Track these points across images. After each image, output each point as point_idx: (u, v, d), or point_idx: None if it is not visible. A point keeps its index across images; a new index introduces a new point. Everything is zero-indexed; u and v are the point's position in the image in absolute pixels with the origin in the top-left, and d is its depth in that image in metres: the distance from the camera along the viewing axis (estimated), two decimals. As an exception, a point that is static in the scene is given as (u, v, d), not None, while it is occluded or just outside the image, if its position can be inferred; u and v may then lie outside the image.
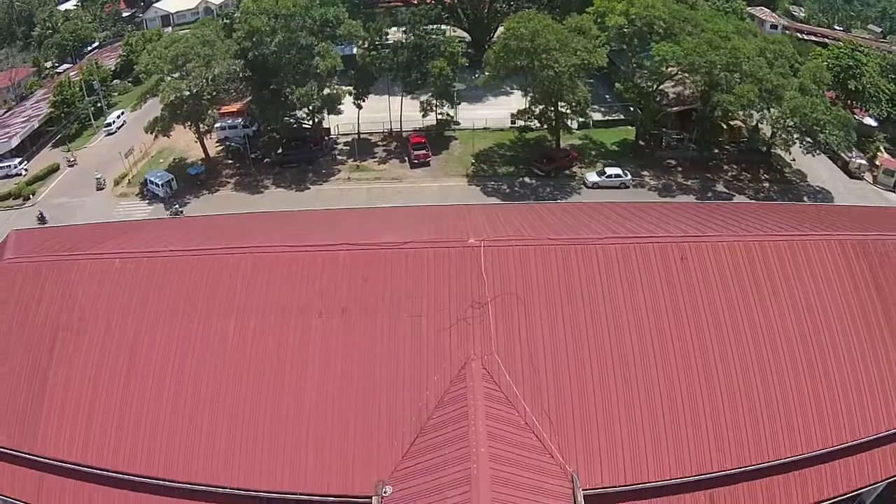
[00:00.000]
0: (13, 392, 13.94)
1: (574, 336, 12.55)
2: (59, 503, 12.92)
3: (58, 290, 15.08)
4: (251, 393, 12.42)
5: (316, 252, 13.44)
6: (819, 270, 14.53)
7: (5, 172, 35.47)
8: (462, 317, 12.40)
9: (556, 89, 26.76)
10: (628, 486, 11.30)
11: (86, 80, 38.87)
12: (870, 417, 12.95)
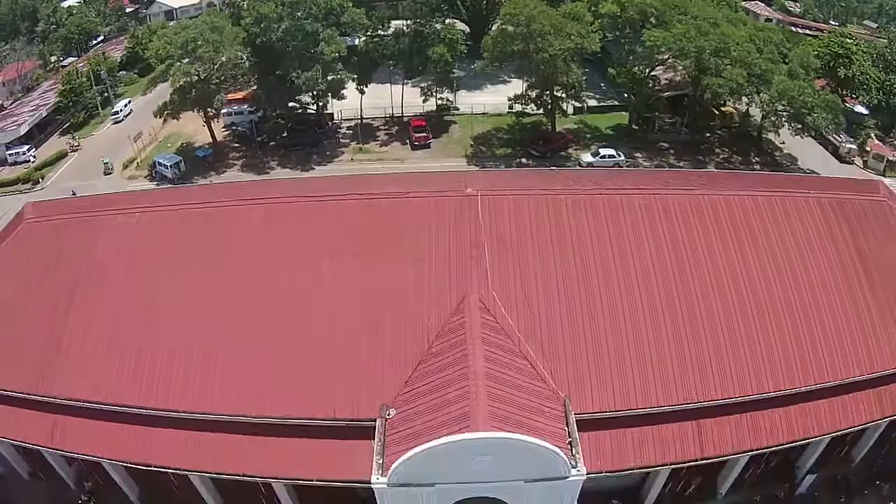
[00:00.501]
0: (30, 339, 15.29)
1: (564, 276, 14.00)
2: (74, 444, 14.23)
3: (77, 245, 16.58)
4: (264, 330, 13.80)
5: (325, 202, 14.99)
6: (798, 225, 16.01)
7: (14, 159, 37.32)
8: (460, 258, 13.84)
9: (551, 72, 28.56)
10: (617, 411, 12.62)
11: (93, 69, 40.84)
12: (851, 361, 14.25)
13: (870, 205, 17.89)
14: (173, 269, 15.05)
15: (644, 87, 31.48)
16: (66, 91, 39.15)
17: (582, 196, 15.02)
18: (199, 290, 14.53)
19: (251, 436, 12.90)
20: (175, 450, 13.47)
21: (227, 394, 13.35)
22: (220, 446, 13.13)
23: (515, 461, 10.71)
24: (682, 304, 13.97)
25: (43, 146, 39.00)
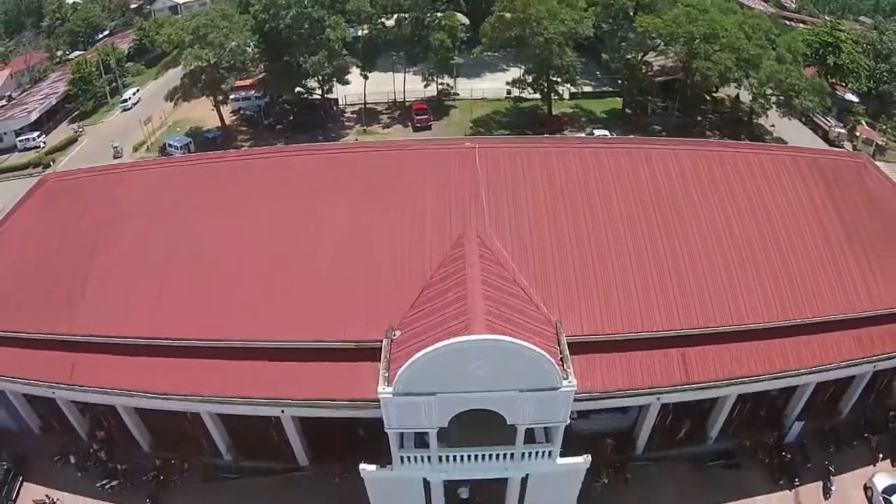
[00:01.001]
0: (54, 284, 16.85)
1: (554, 217, 15.69)
2: (91, 379, 15.59)
3: (100, 197, 18.34)
4: (277, 263, 15.41)
5: (335, 154, 17.01)
6: (774, 177, 17.73)
7: (24, 145, 39.56)
8: (459, 200, 15.50)
9: (546, 56, 30.63)
10: (606, 335, 14.10)
11: (103, 60, 43.17)
12: (828, 301, 15.77)
13: (845, 164, 19.84)
14: (191, 214, 16.77)
15: (637, 73, 33.64)
16: (76, 80, 41.51)
17: (570, 148, 16.92)
18: (216, 232, 16.21)
19: (265, 361, 14.38)
20: (193, 378, 14.89)
21: (242, 322, 14.87)
22: (236, 372, 14.60)
23: (510, 370, 12.04)
24: (665, 241, 15.61)
25: (52, 133, 41.26)
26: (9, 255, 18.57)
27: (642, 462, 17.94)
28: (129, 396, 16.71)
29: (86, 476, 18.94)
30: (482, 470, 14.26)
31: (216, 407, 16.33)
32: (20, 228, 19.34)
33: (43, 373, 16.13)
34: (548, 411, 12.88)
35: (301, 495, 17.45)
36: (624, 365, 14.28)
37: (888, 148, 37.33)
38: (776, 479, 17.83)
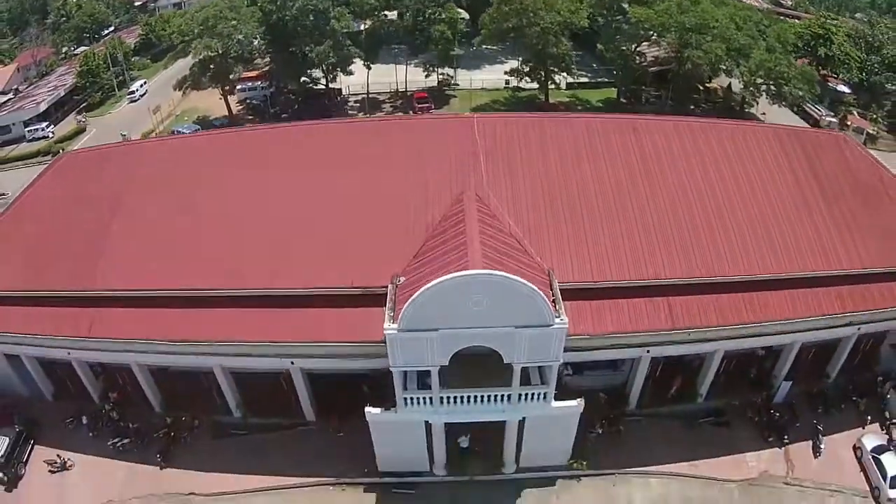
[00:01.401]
0: (77, 245, 18.30)
1: (547, 179, 17.28)
2: (109, 332, 16.85)
3: (121, 166, 19.98)
4: (291, 220, 16.89)
5: (346, 124, 18.97)
6: (755, 146, 19.38)
7: (32, 135, 41.57)
8: (459, 163, 17.07)
9: (542, 45, 32.65)
10: (595, 282, 15.54)
11: (110, 53, 45.30)
12: (807, 258, 17.16)
13: (825, 138, 21.63)
14: (207, 178, 18.37)
15: (631, 63, 35.62)
16: (84, 72, 43.68)
17: (563, 119, 18.90)
18: (230, 193, 17.80)
19: (277, 308, 15.79)
20: (208, 326, 16.24)
21: (256, 272, 16.34)
22: (249, 319, 15.97)
23: (506, 307, 13.41)
24: (650, 202, 17.16)
25: (60, 124, 43.25)
26: (29, 220, 20.05)
27: (634, 417, 19.30)
28: (144, 353, 18.20)
29: (97, 437, 20.22)
30: (481, 412, 15.62)
31: (229, 360, 17.76)
32: (40, 196, 20.95)
33: (63, 328, 17.46)
34: (541, 349, 14.23)
35: (306, 448, 18.72)
36: (613, 311, 15.71)
37: (878, 137, 39.08)
38: (765, 436, 19.17)
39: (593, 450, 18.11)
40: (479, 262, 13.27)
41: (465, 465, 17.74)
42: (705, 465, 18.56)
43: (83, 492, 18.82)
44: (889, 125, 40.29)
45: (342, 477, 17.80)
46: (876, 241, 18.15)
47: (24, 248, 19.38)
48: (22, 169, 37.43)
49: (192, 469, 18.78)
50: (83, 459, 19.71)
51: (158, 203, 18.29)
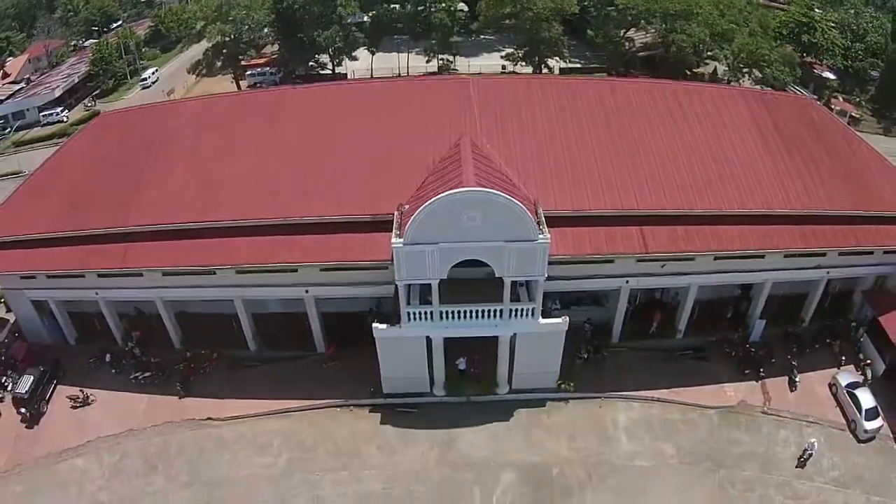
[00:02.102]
0: (110, 190, 21.19)
1: (534, 129, 20.48)
2: (141, 261, 19.64)
3: (154, 121, 23.23)
4: (311, 160, 20.09)
5: (358, 84, 22.89)
6: (723, 104, 22.60)
7: (47, 119, 45.39)
8: (456, 115, 20.20)
9: (535, 30, 36.44)
10: (576, 211, 18.49)
11: (122, 42, 49.37)
12: (770, 196, 19.95)
13: (791, 99, 24.94)
14: (233, 127, 21.63)
15: (620, 48, 39.31)
16: (97, 60, 47.64)
17: (549, 80, 22.60)
18: (255, 139, 21.01)
19: (299, 235, 18.72)
20: (233, 253, 19.11)
21: (279, 205, 19.30)
22: (272, 245, 18.91)
23: (496, 223, 16.27)
24: (626, 147, 20.29)
25: (74, 109, 46.92)
26: (65, 171, 23.12)
27: (618, 349, 22.10)
28: (169, 288, 21.18)
29: (119, 373, 22.96)
30: (476, 327, 18.36)
31: (249, 291, 20.68)
32: (76, 150, 24.13)
33: (98, 263, 20.25)
34: (528, 264, 17.10)
35: (316, 376, 21.42)
36: (591, 237, 18.68)
37: (862, 119, 42.41)
38: (742, 370, 21.89)
39: (580, 375, 20.84)
40: (472, 182, 16.29)
41: (462, 386, 20.48)
42: (685, 392, 21.29)
43: (105, 422, 21.38)
44: (873, 109, 43.85)
45: (350, 399, 20.52)
46: (838, 188, 21.16)
47: (59, 194, 22.38)
48: (40, 150, 40.67)
49: (209, 397, 21.51)
50: (105, 394, 22.31)
51: (189, 150, 21.48)
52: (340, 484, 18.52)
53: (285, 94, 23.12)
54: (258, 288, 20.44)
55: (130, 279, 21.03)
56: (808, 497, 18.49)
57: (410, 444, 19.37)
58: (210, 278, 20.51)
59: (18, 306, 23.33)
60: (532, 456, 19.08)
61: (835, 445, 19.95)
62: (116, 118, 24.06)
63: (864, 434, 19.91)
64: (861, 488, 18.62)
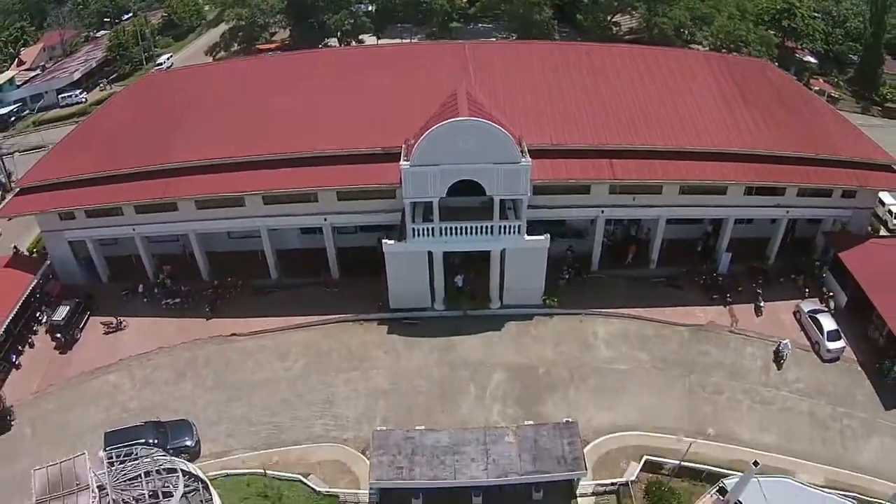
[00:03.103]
0: (151, 135, 25.91)
1: (519, 83, 25.60)
2: (180, 191, 24.01)
3: (191, 80, 28.50)
4: (332, 105, 24.99)
5: (368, 49, 28.72)
6: (685, 64, 27.83)
7: (66, 101, 50.47)
8: (454, 73, 25.18)
9: (527, 12, 41.91)
10: (554, 145, 23.23)
11: (138, 29, 54.81)
12: (725, 139, 24.54)
13: (748, 60, 29.86)
14: (264, 83, 26.68)
15: (607, 32, 44.68)
16: (115, 46, 53.30)
17: (533, 44, 27.62)
18: (282, 91, 26.03)
19: (320, 166, 23.41)
20: (262, 182, 23.65)
21: (303, 141, 24.03)
22: (297, 174, 23.57)
23: (487, 148, 20.92)
24: (597, 96, 25.19)
25: (92, 91, 51.97)
26: (108, 122, 28.05)
27: (597, 275, 26.39)
28: (200, 221, 25.39)
29: (150, 303, 27.06)
30: (471, 242, 22.88)
31: (273, 221, 25.00)
32: (118, 105, 29.30)
33: (143, 193, 24.60)
34: (513, 183, 21.72)
35: (331, 298, 25.64)
36: (568, 166, 23.40)
37: (840, 99, 47.12)
38: (711, 296, 26.05)
39: (563, 294, 25.20)
40: (466, 114, 21.07)
41: (459, 302, 24.85)
42: (659, 312, 25.56)
43: (136, 343, 25.49)
44: (852, 91, 48.60)
45: (360, 314, 24.79)
46: (792, 134, 25.75)
47: (101, 142, 27.14)
48: (60, 127, 45.33)
49: (234, 318, 25.78)
50: (137, 321, 26.52)
51: (223, 101, 26.46)
52: (352, 382, 22.75)
53: (308, 56, 28.79)
54: (282, 217, 24.96)
55: (166, 214, 25.45)
56: (774, 403, 22.40)
57: (414, 350, 23.63)
58: (240, 210, 25.09)
59: (55, 247, 27.60)
60: (521, 358, 23.32)
61: (800, 363, 23.86)
62: (157, 78, 29.20)
63: (827, 354, 23.81)
64: (826, 399, 22.47)
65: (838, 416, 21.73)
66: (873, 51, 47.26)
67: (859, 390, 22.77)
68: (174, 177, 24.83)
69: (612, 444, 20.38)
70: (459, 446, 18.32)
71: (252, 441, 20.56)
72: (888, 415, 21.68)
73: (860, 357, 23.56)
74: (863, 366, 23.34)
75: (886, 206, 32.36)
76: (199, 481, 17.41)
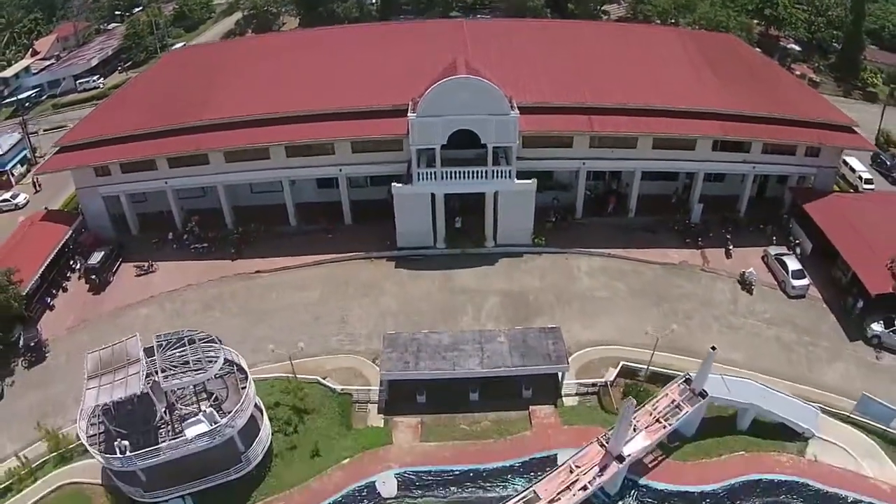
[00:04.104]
0: (182, 99, 31.25)
1: (511, 53, 31.25)
2: (214, 145, 29.03)
3: (217, 53, 34.46)
4: (349, 71, 30.42)
5: (380, 24, 34.59)
6: (660, 38, 33.85)
7: (84, 86, 55.97)
8: (454, 45, 30.63)
9: (521, 1, 47.76)
10: (539, 103, 28.35)
11: (152, 20, 60.58)
12: (696, 99, 29.60)
13: (716, 35, 35.29)
14: (286, 54, 32.44)
15: (596, 20, 50.30)
16: (131, 34, 59.13)
17: (523, 21, 33.48)
18: (304, 60, 31.75)
19: (338, 121, 28.60)
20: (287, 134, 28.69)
21: (322, 100, 29.39)
22: (318, 128, 28.83)
23: (481, 101, 26.08)
24: (579, 63, 30.63)
25: (109, 77, 57.25)
26: (142, 89, 33.63)
27: (581, 222, 31.51)
28: (227, 174, 30.29)
29: (180, 248, 31.85)
30: (468, 185, 27.80)
31: (294, 172, 30.09)
32: (151, 75, 35.01)
33: (174, 147, 29.57)
34: (504, 132, 26.91)
35: (343, 240, 30.61)
36: (552, 120, 28.62)
37: (821, 83, 52.17)
38: (684, 240, 31.06)
39: (550, 236, 30.24)
40: (464, 72, 26.45)
41: (458, 241, 29.89)
42: (636, 252, 30.49)
43: (166, 282, 30.21)
44: (834, 76, 53.71)
45: (372, 252, 29.67)
46: (757, 98, 30.89)
47: (136, 106, 32.51)
48: (77, 110, 50.44)
49: (258, 258, 30.26)
50: (166, 265, 31.36)
51: (249, 70, 32.15)
52: (364, 306, 27.60)
53: (326, 31, 34.68)
54: (302, 169, 30.09)
55: (197, 168, 30.47)
56: (742, 328, 26.71)
57: (418, 281, 28.60)
58: (265, 163, 30.25)
59: (89, 203, 32.52)
60: (512, 286, 28.28)
61: (767, 299, 28.18)
62: (184, 52, 34.41)
63: (792, 290, 28.19)
64: (792, 328, 26.67)
65: (803, 343, 26.06)
66: (854, 38, 52.91)
67: (824, 323, 27.22)
68: (206, 132, 30.01)
69: (594, 356, 24.97)
70: (458, 345, 23.11)
71: (274, 356, 24.32)
72: (852, 345, 25.93)
73: (825, 295, 28.08)
74: (828, 303, 27.86)
75: (857, 172, 37.51)
76: (236, 366, 21.71)
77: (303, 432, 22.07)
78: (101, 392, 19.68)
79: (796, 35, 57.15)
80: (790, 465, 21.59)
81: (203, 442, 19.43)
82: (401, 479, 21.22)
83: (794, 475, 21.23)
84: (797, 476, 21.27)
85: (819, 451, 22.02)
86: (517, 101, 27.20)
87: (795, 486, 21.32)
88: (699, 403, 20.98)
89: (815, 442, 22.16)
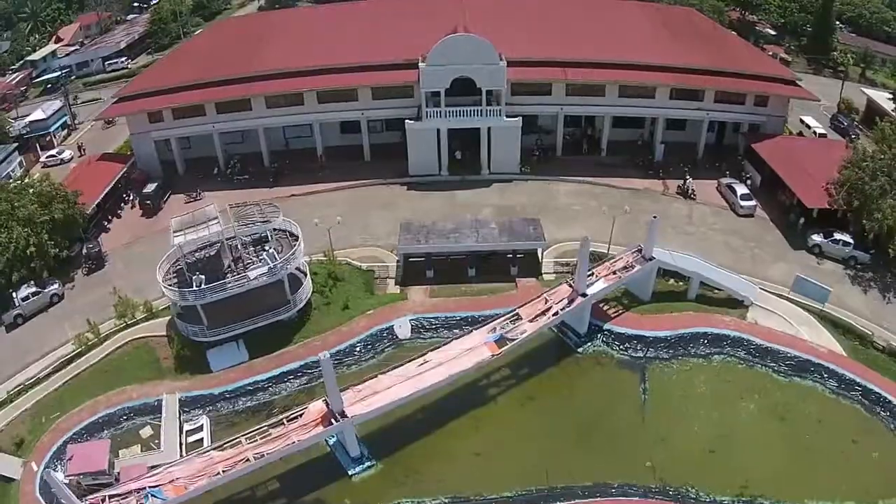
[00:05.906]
0: (230, 58, 43.26)
1: (502, 19, 43.38)
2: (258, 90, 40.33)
3: (260, 22, 47.57)
4: (368, 34, 42.82)
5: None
6: (625, 8, 46.55)
7: (112, 67, 67.82)
8: (453, 15, 42.68)
9: None
10: (522, 57, 39.43)
11: (176, 8, 72.68)
12: (651, 55, 41.36)
13: (676, 8, 47.89)
14: (319, 21, 45.93)
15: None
16: (156, 20, 71.26)
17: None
18: (335, 26, 44.51)
19: (361, 72, 40.31)
20: (321, 82, 40.25)
21: (348, 57, 41.03)
22: (345, 77, 40.62)
23: (478, 54, 37.74)
24: (557, 25, 42.91)
25: (135, 59, 68.96)
26: (194, 49, 45.90)
27: (560, 159, 42.13)
28: (266, 118, 40.99)
29: (223, 181, 42.06)
30: (467, 121, 38.68)
31: (323, 115, 41.42)
32: (200, 41, 48.22)
33: (227, 94, 40.64)
34: (495, 79, 38.48)
35: (366, 169, 41.79)
36: (533, 72, 40.24)
37: (792, 62, 63.44)
38: (647, 172, 41.60)
39: (534, 167, 41.62)
40: (463, 31, 37.85)
41: (459, 170, 41.18)
42: (606, 180, 40.90)
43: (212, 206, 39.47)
44: (807, 57, 65.01)
45: (388, 179, 40.35)
46: (709, 56, 42.50)
47: (190, 62, 44.71)
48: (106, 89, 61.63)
49: (291, 186, 40.23)
50: (212, 194, 41.70)
51: (289, 35, 44.47)
52: (382, 217, 38.67)
53: (348, 5, 47.59)
54: (330, 113, 41.67)
55: (241, 113, 41.66)
56: (694, 234, 37.31)
57: (426, 198, 39.86)
58: (299, 108, 41.87)
59: (141, 147, 43.56)
60: (503, 202, 39.54)
61: (718, 215, 38.61)
62: (230, 21, 45.92)
63: (741, 209, 38.55)
64: (740, 237, 36.94)
65: (749, 248, 36.14)
66: (823, 20, 64.93)
67: (769, 235, 37.28)
68: (251, 82, 41.34)
69: (567, 248, 35.56)
70: (459, 229, 34.04)
71: (308, 249, 33.68)
72: (795, 253, 35.51)
73: (771, 216, 38.27)
74: (773, 221, 37.99)
75: (812, 129, 47.98)
76: (290, 233, 31.65)
77: (336, 293, 32.35)
78: (186, 237, 28.93)
79: (770, 19, 70.07)
80: (733, 324, 30.54)
81: (262, 280, 28.94)
82: (414, 324, 31.38)
83: (736, 331, 29.90)
84: (739, 332, 29.80)
85: (760, 318, 30.71)
86: (505, 55, 38.50)
87: (738, 340, 29.88)
88: (648, 265, 30.76)
89: (756, 310, 31.27)
